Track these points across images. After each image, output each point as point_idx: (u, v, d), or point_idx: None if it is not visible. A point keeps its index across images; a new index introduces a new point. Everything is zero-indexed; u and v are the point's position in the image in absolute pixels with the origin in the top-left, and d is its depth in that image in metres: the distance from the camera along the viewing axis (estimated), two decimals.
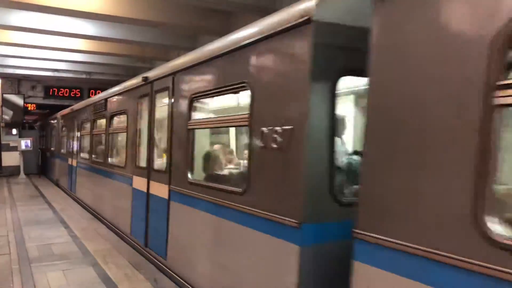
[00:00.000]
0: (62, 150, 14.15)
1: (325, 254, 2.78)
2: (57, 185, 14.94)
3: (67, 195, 12.31)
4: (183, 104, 4.70)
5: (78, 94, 21.05)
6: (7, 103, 19.45)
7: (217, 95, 4.26)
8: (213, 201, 3.96)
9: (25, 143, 18.77)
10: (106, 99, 8.48)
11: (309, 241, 2.78)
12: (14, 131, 20.41)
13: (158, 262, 5.30)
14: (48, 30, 11.87)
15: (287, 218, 2.86)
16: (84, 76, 19.38)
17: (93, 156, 9.50)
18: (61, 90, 20.97)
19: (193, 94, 4.49)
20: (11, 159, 19.31)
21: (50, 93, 20.92)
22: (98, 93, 13.61)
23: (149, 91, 5.91)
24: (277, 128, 3.01)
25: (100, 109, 8.82)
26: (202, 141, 4.89)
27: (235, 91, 3.78)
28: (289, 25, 2.92)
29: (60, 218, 8.74)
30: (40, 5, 9.58)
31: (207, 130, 5.00)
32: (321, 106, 2.82)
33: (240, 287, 3.52)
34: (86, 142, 10.43)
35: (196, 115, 4.56)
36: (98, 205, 8.92)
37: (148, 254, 5.67)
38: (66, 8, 9.78)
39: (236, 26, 4.31)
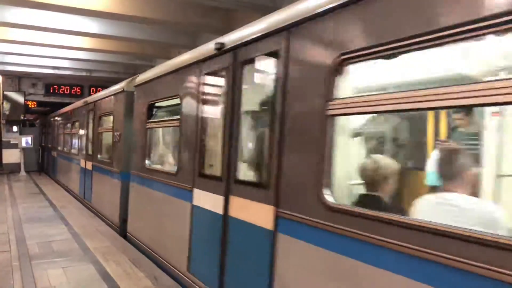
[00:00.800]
0: (49, 145, 18.15)
1: (129, 183, 6.62)
2: (47, 174, 18.14)
3: (53, 180, 15.74)
4: (97, 118, 9.11)
5: (79, 91, 21.05)
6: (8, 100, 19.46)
7: (107, 116, 8.48)
8: (103, 167, 8.29)
9: (25, 141, 18.78)
10: (72, 110, 12.73)
11: (124, 179, 6.89)
12: (15, 128, 20.42)
13: (88, 205, 9.58)
14: (49, 27, 11.89)
15: (115, 170, 7.38)
16: (84, 73, 19.39)
17: (64, 149, 13.73)
18: (62, 88, 20.96)
19: (100, 113, 8.92)
20: (11, 156, 19.32)
21: (51, 91, 20.91)
22: (99, 90, 14.11)
23: (91, 109, 9.87)
24: (118, 132, 7.33)
25: (68, 117, 13.27)
26: (107, 139, 8.44)
27: (109, 116, 8.10)
28: (119, 91, 7.51)
29: (61, 215, 8.76)
30: (42, 2, 9.59)
31: (108, 133, 8.21)
32: (129, 124, 6.72)
33: (106, 200, 8.16)
34: (62, 139, 14.41)
35: (102, 125, 8.81)
36: (66, 181, 13.14)
37: (85, 202, 9.90)
38: (67, 6, 9.79)
39: (236, 24, 4.32)
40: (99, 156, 8.89)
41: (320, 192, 2.58)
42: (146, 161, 5.91)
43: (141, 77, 6.45)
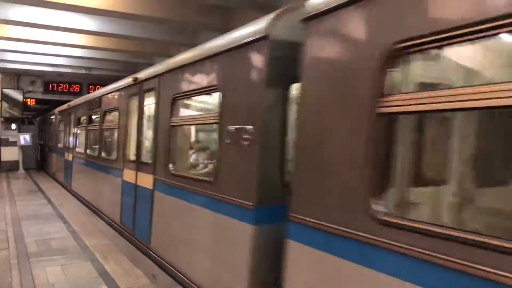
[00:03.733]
0: (43, 142, 20.09)
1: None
2: (42, 168, 19.35)
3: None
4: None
5: (77, 89, 20.98)
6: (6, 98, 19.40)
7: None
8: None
9: (24, 138, 18.75)
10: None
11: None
12: (14, 126, 20.38)
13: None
14: (48, 25, 11.84)
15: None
16: (83, 71, 19.33)
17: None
18: (61, 86, 20.87)
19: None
20: (10, 154, 19.29)
21: (50, 88, 20.84)
22: (98, 88, 14.22)
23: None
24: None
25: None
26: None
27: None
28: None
29: (59, 213, 8.75)
30: (41, 0, 9.56)
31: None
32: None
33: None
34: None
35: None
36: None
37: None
38: (66, 3, 9.75)
39: (236, 23, 4.33)
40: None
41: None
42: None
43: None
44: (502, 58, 2.46)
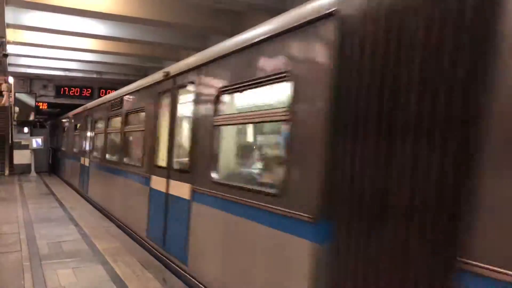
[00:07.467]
0: (52, 146, 20.79)
1: None
2: (54, 172, 19.58)
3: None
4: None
5: (88, 93, 21.21)
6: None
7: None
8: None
9: (36, 142, 18.99)
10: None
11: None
12: (26, 129, 20.64)
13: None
14: (60, 30, 12.02)
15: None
16: (95, 75, 19.54)
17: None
18: (72, 90, 21.14)
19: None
20: (22, 157, 19.53)
21: (61, 92, 21.11)
22: (109, 92, 14.27)
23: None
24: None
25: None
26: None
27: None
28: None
29: (70, 216, 8.83)
30: (52, 5, 9.70)
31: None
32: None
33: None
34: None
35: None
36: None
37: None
38: (78, 8, 9.90)
39: (246, 26, 4.33)
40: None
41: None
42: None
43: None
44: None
